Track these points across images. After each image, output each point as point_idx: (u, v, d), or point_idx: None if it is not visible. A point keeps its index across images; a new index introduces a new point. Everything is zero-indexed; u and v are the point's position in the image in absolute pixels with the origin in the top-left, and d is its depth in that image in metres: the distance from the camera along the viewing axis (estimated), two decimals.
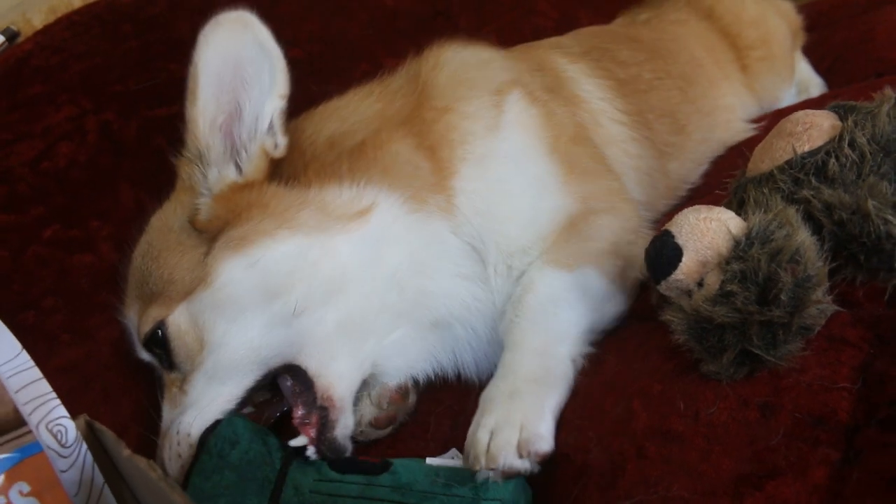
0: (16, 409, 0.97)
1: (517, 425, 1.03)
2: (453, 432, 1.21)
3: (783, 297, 0.91)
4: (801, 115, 1.14)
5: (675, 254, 1.00)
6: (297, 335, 1.18)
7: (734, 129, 1.94)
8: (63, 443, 0.99)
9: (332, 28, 1.94)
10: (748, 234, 0.96)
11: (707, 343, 0.96)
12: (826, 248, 0.99)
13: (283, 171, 1.27)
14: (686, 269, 0.99)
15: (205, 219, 1.22)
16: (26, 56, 1.61)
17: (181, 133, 1.40)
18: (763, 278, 0.92)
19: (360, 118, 1.35)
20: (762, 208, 1.02)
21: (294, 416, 1.15)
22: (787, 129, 1.12)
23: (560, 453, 1.02)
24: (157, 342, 1.19)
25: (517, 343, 1.18)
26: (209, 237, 1.21)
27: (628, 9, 2.44)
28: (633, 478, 0.90)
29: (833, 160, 1.05)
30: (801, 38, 2.46)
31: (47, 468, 0.97)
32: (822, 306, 0.94)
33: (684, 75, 1.90)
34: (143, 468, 0.88)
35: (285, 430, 1.20)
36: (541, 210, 1.30)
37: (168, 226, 1.26)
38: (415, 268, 1.25)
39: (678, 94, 1.83)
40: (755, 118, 2.02)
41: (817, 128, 1.09)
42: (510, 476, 1.00)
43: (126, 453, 0.95)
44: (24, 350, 1.02)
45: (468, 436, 1.05)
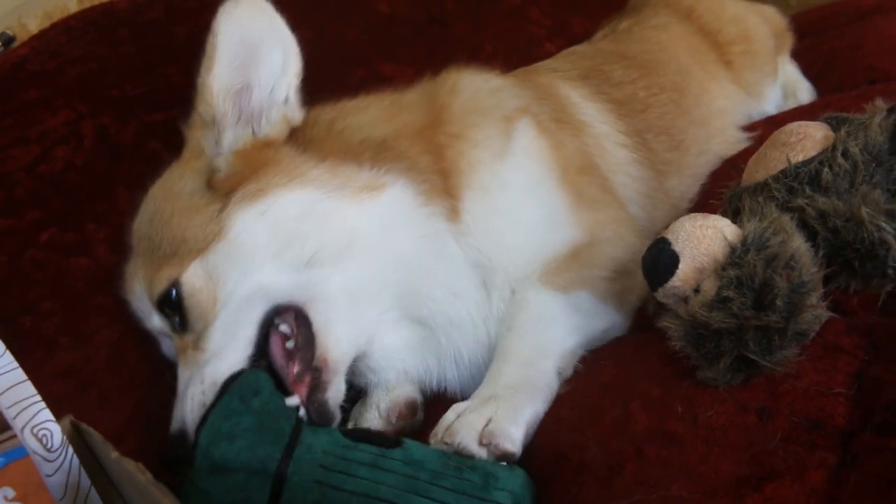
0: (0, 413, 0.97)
1: (486, 417, 1.06)
2: None
3: (779, 303, 0.92)
4: (794, 126, 1.16)
5: (672, 261, 1.01)
6: (307, 285, 1.21)
7: (729, 139, 1.94)
8: (48, 447, 0.99)
9: (328, 34, 1.95)
10: (744, 241, 0.98)
11: (704, 349, 0.97)
12: (820, 255, 1.00)
13: (299, 139, 1.33)
14: (683, 275, 1.01)
15: (223, 176, 1.26)
16: (22, 61, 1.60)
17: (178, 138, 1.41)
18: (759, 284, 0.93)
19: (382, 121, 1.39)
20: (757, 216, 1.03)
21: (289, 373, 1.17)
22: (781, 140, 1.14)
23: (558, 452, 1.03)
24: (170, 302, 1.21)
25: (504, 353, 1.21)
26: (224, 194, 1.24)
27: (614, 16, 2.46)
28: (632, 477, 0.91)
29: (827, 169, 1.08)
30: (789, 41, 2.48)
31: (33, 472, 0.97)
32: (816, 312, 0.96)
33: (676, 86, 1.91)
34: (132, 471, 0.88)
35: None
36: (549, 242, 1.33)
37: (175, 191, 1.29)
38: (415, 262, 1.28)
39: (673, 107, 1.84)
40: (748, 126, 2.03)
41: (811, 138, 1.12)
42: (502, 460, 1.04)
43: (114, 455, 0.95)
44: (7, 351, 1.02)
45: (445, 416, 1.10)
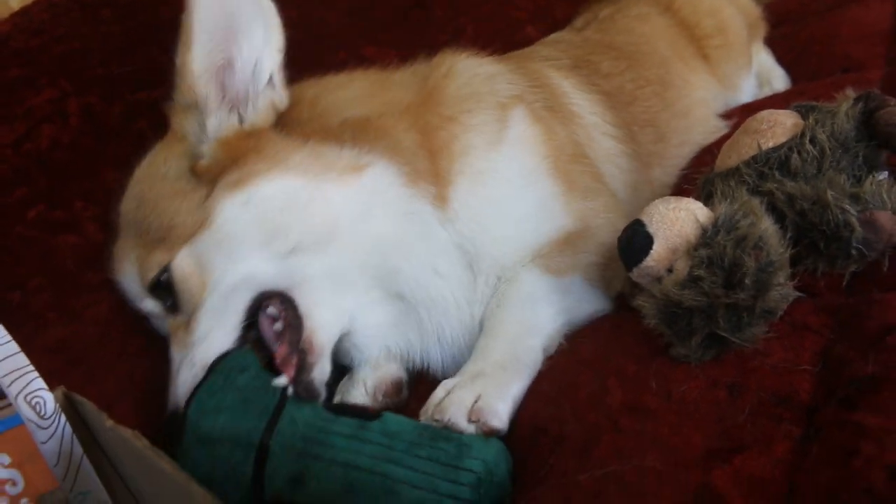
0: None
1: (475, 393, 1.10)
2: None
3: (747, 281, 0.97)
4: (765, 113, 1.21)
5: (647, 241, 1.05)
6: (291, 272, 1.23)
7: (709, 127, 1.97)
8: (42, 414, 1.02)
9: (311, 16, 1.96)
10: (715, 223, 1.02)
11: (676, 327, 1.01)
12: (788, 237, 1.05)
13: (282, 120, 1.32)
14: (657, 255, 1.05)
15: (206, 164, 1.27)
16: (5, 38, 1.61)
17: (164, 117, 1.42)
18: (729, 263, 0.98)
19: (366, 98, 1.39)
20: (728, 199, 1.07)
21: (277, 355, 1.20)
22: (753, 127, 1.19)
23: (537, 426, 1.06)
24: (161, 287, 1.23)
25: (492, 330, 1.24)
26: (209, 181, 1.25)
27: (593, 2, 2.48)
28: (608, 448, 0.95)
29: (795, 155, 1.12)
30: (762, 29, 2.52)
31: (27, 440, 1.00)
32: (783, 290, 1.00)
33: (660, 79, 1.93)
34: (128, 438, 0.91)
35: None
36: (541, 231, 1.35)
37: (160, 174, 1.29)
38: (396, 241, 1.29)
39: (657, 101, 1.87)
40: (725, 113, 2.07)
41: (781, 125, 1.16)
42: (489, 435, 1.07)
43: (109, 423, 0.98)
44: (0, 324, 1.05)
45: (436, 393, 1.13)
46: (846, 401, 0.88)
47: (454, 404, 1.08)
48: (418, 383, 1.36)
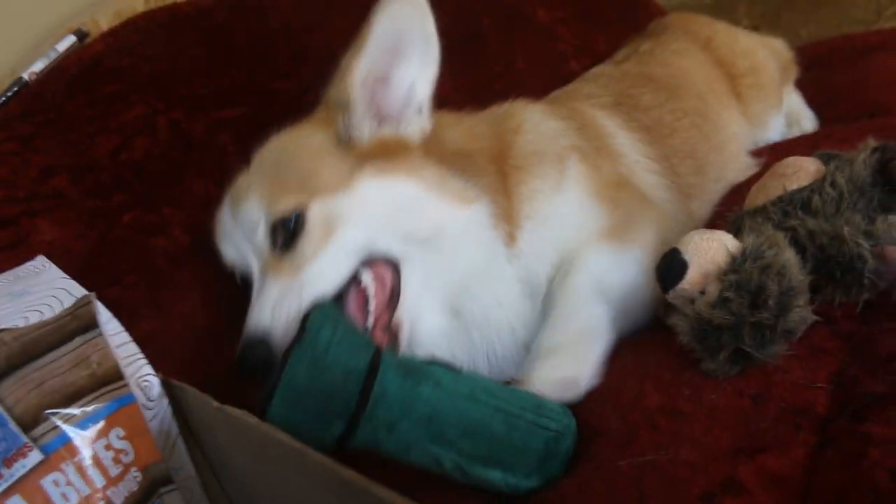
0: (117, 365, 1.11)
1: (559, 366, 1.22)
2: None
3: (770, 303, 1.06)
4: (791, 160, 1.32)
5: (682, 267, 1.15)
6: (400, 251, 1.38)
7: (741, 164, 2.04)
8: (149, 397, 1.13)
9: None
10: (743, 252, 1.12)
11: (707, 343, 1.11)
12: (808, 267, 1.15)
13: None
14: (691, 279, 1.15)
15: (358, 145, 1.43)
16: (99, 57, 1.72)
17: (244, 132, 1.56)
18: (755, 287, 1.07)
19: (467, 139, 1.56)
20: (755, 233, 1.17)
21: (374, 313, 1.34)
22: (780, 171, 1.30)
23: (580, 419, 1.15)
24: (285, 224, 1.36)
25: (562, 302, 1.36)
26: (357, 157, 1.42)
27: (634, 36, 2.58)
28: (646, 442, 1.04)
29: (817, 196, 1.23)
30: (794, 72, 2.60)
31: (138, 417, 1.11)
32: (802, 313, 1.10)
33: (697, 111, 2.01)
34: (239, 416, 0.99)
35: None
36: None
37: (306, 136, 1.46)
38: (475, 267, 1.43)
39: (696, 132, 1.95)
40: (755, 151, 2.14)
41: (805, 171, 1.28)
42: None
43: (215, 405, 1.06)
44: (114, 317, 1.16)
45: (522, 379, 1.23)
46: (857, 414, 0.97)
47: (540, 380, 1.20)
48: None
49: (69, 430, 1.04)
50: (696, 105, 2.04)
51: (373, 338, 1.29)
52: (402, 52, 1.42)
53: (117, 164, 1.57)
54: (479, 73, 1.85)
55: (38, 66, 1.66)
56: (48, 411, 1.03)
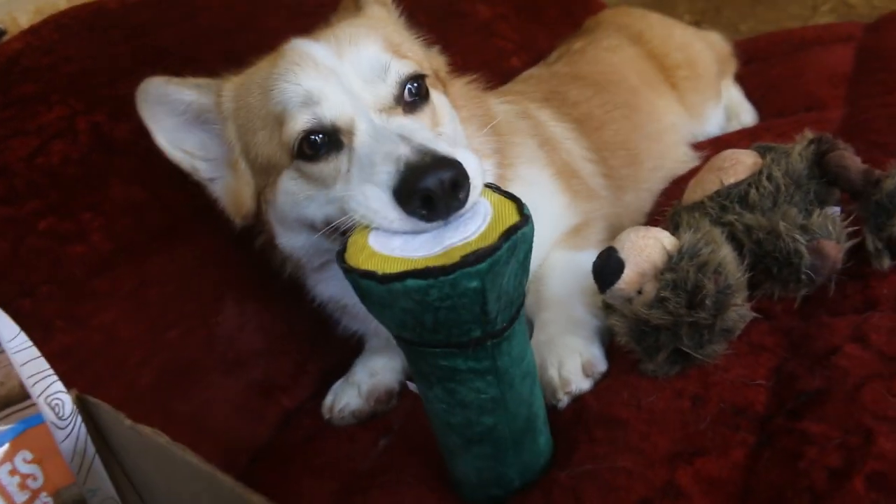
0: (21, 384, 1.05)
1: (577, 353, 1.19)
2: None
3: (707, 302, 1.05)
4: (728, 153, 1.32)
5: (619, 266, 1.14)
6: None
7: (681, 155, 2.06)
8: (60, 416, 1.06)
9: None
10: (680, 250, 1.11)
11: (645, 343, 1.10)
12: (746, 263, 1.14)
13: None
14: (627, 279, 1.13)
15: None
16: (17, 55, 1.65)
17: None
18: (691, 286, 1.06)
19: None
20: (692, 229, 1.16)
21: None
22: (717, 165, 1.30)
23: None
24: (413, 85, 1.28)
25: (545, 303, 1.35)
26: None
27: (569, 35, 2.59)
28: (585, 454, 1.03)
29: (753, 190, 1.23)
30: (732, 65, 2.64)
31: (48, 438, 1.04)
32: (740, 311, 1.09)
33: (627, 103, 2.03)
34: (149, 434, 0.95)
35: None
36: (559, 229, 1.51)
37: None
38: None
39: (626, 123, 1.96)
40: (696, 145, 2.16)
41: (742, 164, 1.27)
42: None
43: (128, 423, 1.01)
44: (21, 331, 1.09)
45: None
46: (794, 411, 0.97)
47: (573, 374, 1.17)
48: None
49: None
50: (626, 98, 2.06)
51: None
52: None
53: (32, 169, 1.49)
54: None
55: None
56: None
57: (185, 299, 1.52)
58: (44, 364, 1.08)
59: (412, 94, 1.26)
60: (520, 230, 0.92)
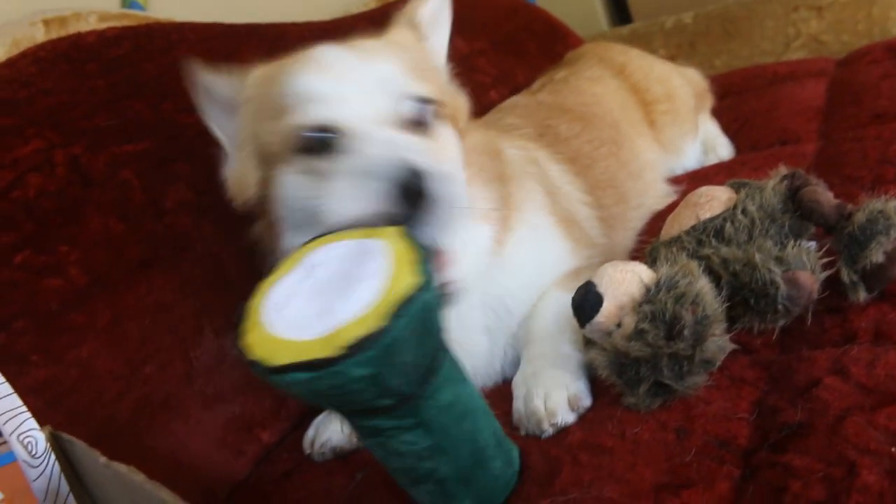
0: None
1: (563, 387, 1.19)
2: None
3: (686, 333, 1.06)
4: (704, 189, 1.35)
5: (597, 300, 1.15)
6: None
7: (659, 191, 2.07)
8: (33, 454, 1.05)
9: None
10: (657, 283, 1.12)
11: (626, 376, 1.11)
12: (724, 295, 1.15)
13: None
14: (606, 312, 1.14)
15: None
16: None
17: (148, 167, 1.49)
18: (669, 317, 1.07)
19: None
20: (669, 262, 1.18)
21: None
22: (693, 201, 1.32)
23: None
24: (420, 108, 1.28)
25: (537, 335, 1.36)
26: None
27: (551, 67, 2.61)
28: (569, 479, 1.02)
29: (729, 224, 1.25)
30: (709, 100, 2.66)
31: (19, 477, 1.02)
32: (719, 342, 1.10)
33: (613, 139, 2.03)
34: (125, 473, 0.93)
35: None
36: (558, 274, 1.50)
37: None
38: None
39: (614, 161, 1.96)
40: (674, 179, 2.18)
41: (717, 199, 1.30)
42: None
43: (102, 460, 0.99)
44: None
45: (521, 409, 1.20)
46: (777, 445, 0.98)
47: (559, 406, 1.17)
48: None
49: None
50: (610, 133, 2.06)
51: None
52: None
53: (8, 202, 1.47)
54: None
55: None
56: None
57: (163, 332, 1.50)
58: (17, 401, 1.06)
59: (419, 116, 1.28)
60: (418, 300, 0.84)
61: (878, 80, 2.40)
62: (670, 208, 1.58)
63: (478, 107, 2.27)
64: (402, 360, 0.85)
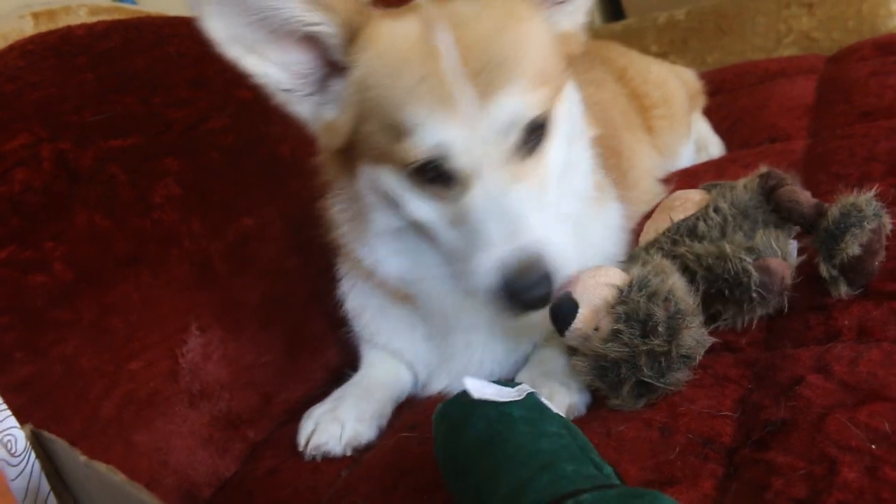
0: None
1: (566, 394, 1.21)
2: None
3: (660, 329, 1.08)
4: (677, 193, 1.39)
5: (573, 307, 1.16)
6: None
7: (654, 197, 2.01)
8: (13, 452, 1.03)
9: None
10: (630, 283, 1.13)
11: (608, 379, 1.11)
12: (701, 291, 1.17)
13: None
14: (583, 318, 1.15)
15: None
16: None
17: (136, 163, 1.48)
18: (643, 315, 1.08)
19: None
20: (641, 262, 1.19)
21: None
22: (667, 205, 1.36)
23: None
24: (535, 125, 1.23)
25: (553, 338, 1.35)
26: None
27: None
28: None
29: (702, 222, 1.27)
30: (701, 101, 2.66)
31: None
32: (695, 335, 1.11)
33: (613, 149, 1.97)
34: (104, 472, 0.91)
35: None
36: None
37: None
38: None
39: (618, 173, 1.90)
40: (665, 178, 2.16)
41: (691, 201, 1.33)
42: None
43: (83, 459, 0.97)
44: None
45: None
46: (760, 442, 0.98)
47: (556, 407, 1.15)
48: None
49: None
50: (611, 143, 1.99)
51: None
52: None
53: None
54: None
55: None
56: None
57: (148, 329, 1.50)
58: None
59: (530, 140, 1.24)
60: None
61: (866, 77, 2.41)
62: (648, 215, 1.58)
63: None
64: None
